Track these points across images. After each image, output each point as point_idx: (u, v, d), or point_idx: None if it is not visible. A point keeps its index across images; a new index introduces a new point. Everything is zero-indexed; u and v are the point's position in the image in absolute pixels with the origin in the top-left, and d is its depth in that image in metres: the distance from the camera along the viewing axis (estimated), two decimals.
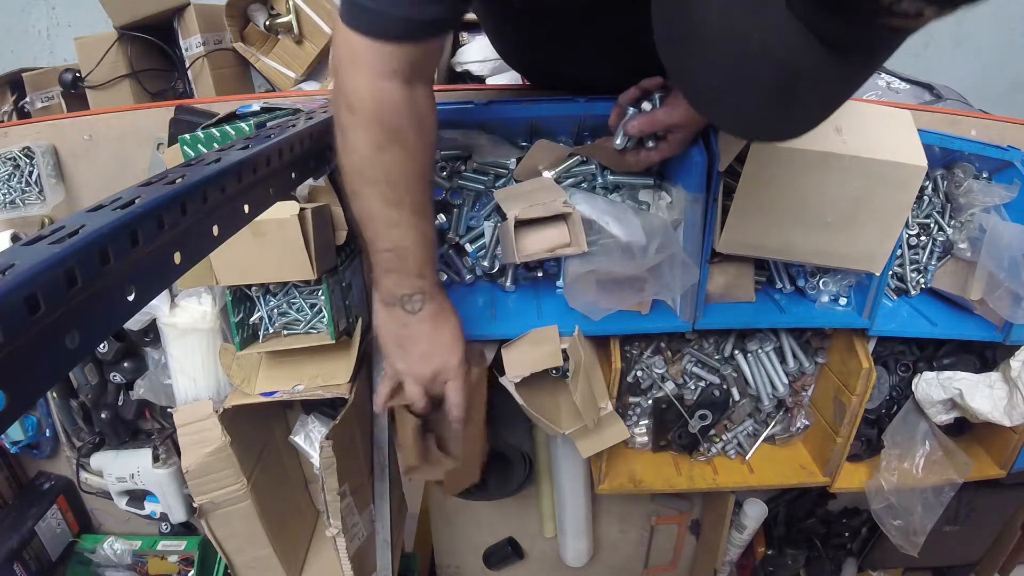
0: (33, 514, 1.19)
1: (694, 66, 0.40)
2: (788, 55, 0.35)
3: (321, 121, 0.71)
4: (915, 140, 0.80)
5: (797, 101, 0.38)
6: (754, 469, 1.08)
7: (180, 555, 1.26)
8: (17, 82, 1.87)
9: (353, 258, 1.05)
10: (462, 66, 1.79)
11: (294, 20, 1.88)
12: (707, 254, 0.84)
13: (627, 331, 0.94)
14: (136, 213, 0.37)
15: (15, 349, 0.28)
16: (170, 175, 0.43)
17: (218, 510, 1.01)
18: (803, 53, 0.35)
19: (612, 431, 0.98)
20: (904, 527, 1.06)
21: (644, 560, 1.40)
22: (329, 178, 0.97)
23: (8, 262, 0.30)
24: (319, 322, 0.97)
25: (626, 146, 0.81)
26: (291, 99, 1.03)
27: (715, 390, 1.03)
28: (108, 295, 0.35)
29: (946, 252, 0.99)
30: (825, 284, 0.93)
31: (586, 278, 0.83)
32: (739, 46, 0.35)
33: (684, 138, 0.79)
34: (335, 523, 0.99)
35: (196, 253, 0.43)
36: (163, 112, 1.02)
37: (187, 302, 0.99)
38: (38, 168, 1.03)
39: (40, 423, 1.20)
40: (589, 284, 0.83)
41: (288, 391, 0.97)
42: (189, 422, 0.99)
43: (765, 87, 0.37)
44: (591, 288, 0.83)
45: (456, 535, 1.37)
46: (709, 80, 0.39)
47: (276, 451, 1.16)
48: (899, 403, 1.06)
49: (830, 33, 0.34)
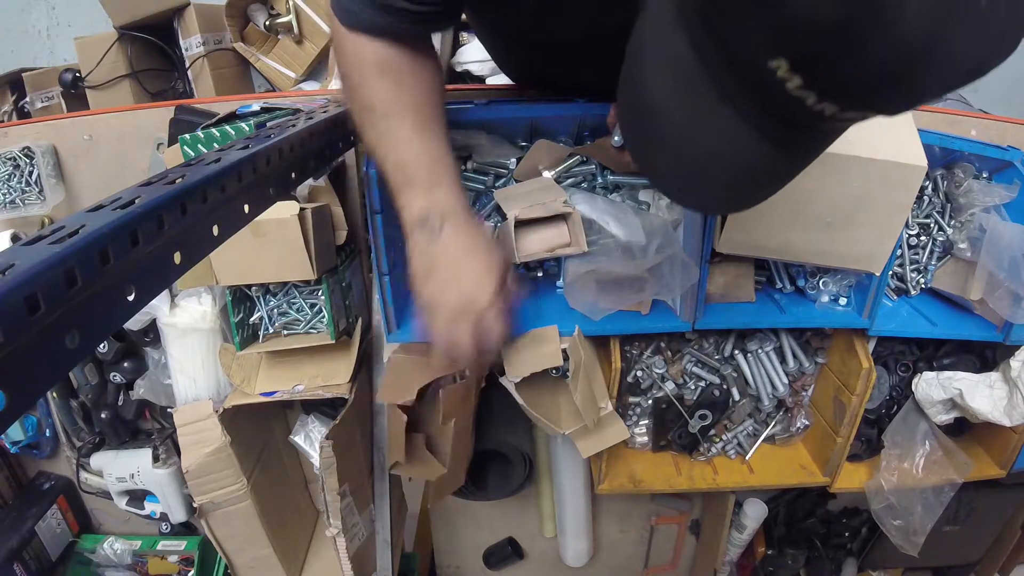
0: (33, 514, 1.19)
1: (657, 162, 0.44)
2: (739, 157, 0.39)
3: (321, 121, 0.71)
4: (915, 140, 0.79)
5: (747, 190, 0.44)
6: (754, 469, 1.08)
7: (180, 555, 1.26)
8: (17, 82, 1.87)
9: (353, 258, 1.05)
10: (462, 66, 1.80)
11: (294, 20, 1.88)
12: (707, 254, 0.84)
13: (627, 331, 0.94)
14: (136, 213, 0.37)
15: (15, 349, 0.28)
16: (170, 175, 0.43)
17: (218, 510, 1.02)
18: (752, 153, 0.39)
19: (612, 431, 0.98)
20: (904, 527, 1.06)
21: (644, 560, 1.40)
22: (329, 178, 0.97)
23: (8, 262, 0.30)
24: (319, 322, 0.97)
25: (624, 144, 0.81)
26: (291, 99, 1.03)
27: (715, 390, 1.03)
28: (108, 295, 0.35)
29: (946, 252, 0.99)
30: (825, 284, 0.93)
31: (586, 278, 0.83)
32: (695, 149, 0.40)
33: None
34: (335, 523, 0.99)
35: (196, 253, 0.43)
36: (163, 112, 1.02)
37: (187, 302, 0.99)
38: (38, 168, 1.03)
39: (40, 423, 1.20)
40: (589, 284, 0.83)
41: (288, 391, 0.97)
42: (189, 422, 0.99)
43: (719, 182, 0.42)
44: (591, 288, 0.83)
45: (456, 535, 1.37)
46: (670, 175, 0.44)
47: (276, 451, 1.16)
48: (899, 403, 1.06)
49: (778, 136, 0.38)
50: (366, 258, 1.08)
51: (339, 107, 0.80)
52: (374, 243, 0.85)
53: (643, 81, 0.40)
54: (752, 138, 0.38)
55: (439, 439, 0.94)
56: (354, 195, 1.03)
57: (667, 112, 0.39)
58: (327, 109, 0.78)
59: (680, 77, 0.37)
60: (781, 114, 0.36)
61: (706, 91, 0.37)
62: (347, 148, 0.81)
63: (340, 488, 0.96)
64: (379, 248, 0.85)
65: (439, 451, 0.95)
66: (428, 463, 0.94)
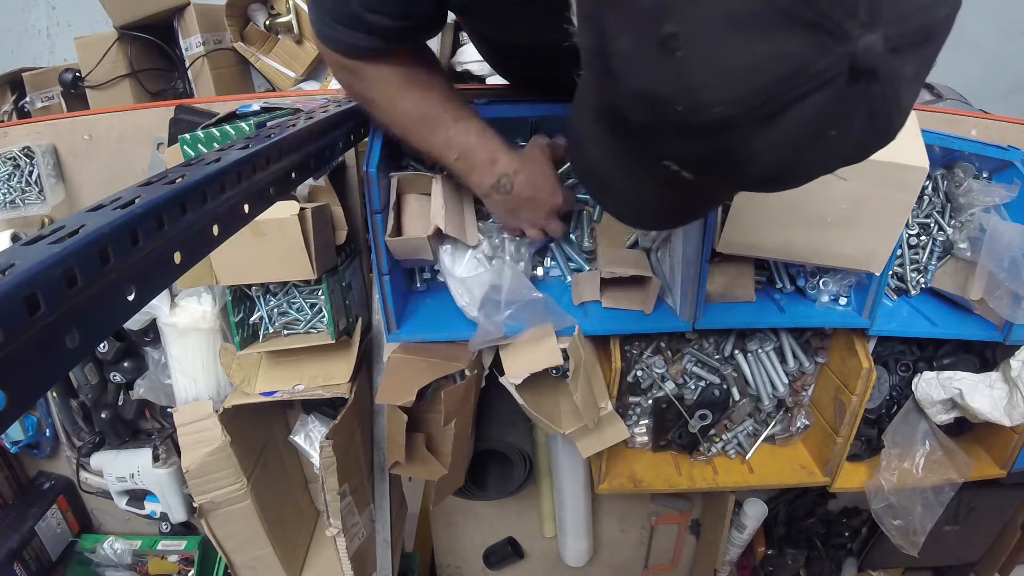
0: (33, 514, 1.19)
1: (604, 201, 0.58)
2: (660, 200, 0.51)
3: (321, 121, 0.71)
4: (917, 141, 0.79)
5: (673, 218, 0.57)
6: (754, 469, 1.08)
7: (180, 555, 1.26)
8: (17, 82, 1.87)
9: (353, 258, 1.05)
10: (462, 66, 1.80)
11: (294, 20, 1.88)
12: (707, 254, 0.84)
13: (627, 331, 0.94)
14: (136, 213, 0.37)
15: (15, 349, 0.28)
16: (170, 175, 0.43)
17: (218, 510, 1.02)
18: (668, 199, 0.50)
19: (612, 431, 0.98)
20: (904, 527, 1.06)
21: (644, 560, 1.40)
22: (329, 178, 0.97)
23: (8, 262, 0.30)
24: (319, 322, 0.97)
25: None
26: (291, 99, 1.03)
27: (715, 390, 1.03)
28: (108, 295, 0.35)
29: (946, 252, 0.99)
30: (825, 284, 0.93)
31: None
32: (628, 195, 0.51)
33: None
34: (335, 523, 0.99)
35: (196, 253, 0.43)
36: (163, 112, 1.02)
37: (187, 302, 0.99)
38: (38, 168, 1.03)
39: (40, 423, 1.20)
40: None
41: (288, 391, 0.97)
42: (189, 422, 0.99)
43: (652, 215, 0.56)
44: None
45: (456, 535, 1.37)
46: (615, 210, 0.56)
47: (276, 451, 1.16)
48: (899, 403, 1.06)
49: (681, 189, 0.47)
50: (366, 258, 1.08)
51: (339, 107, 0.80)
52: (374, 244, 0.85)
53: (583, 152, 0.51)
54: (667, 191, 0.49)
55: (439, 439, 0.94)
56: (354, 195, 1.03)
57: (605, 173, 0.50)
58: (327, 109, 0.78)
59: (607, 153, 0.48)
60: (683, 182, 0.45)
61: (627, 163, 0.47)
62: (347, 148, 0.81)
63: (340, 488, 0.96)
64: (379, 249, 0.85)
65: (439, 451, 0.95)
66: (428, 463, 0.95)
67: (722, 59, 0.34)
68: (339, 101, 0.86)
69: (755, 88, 0.34)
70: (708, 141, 0.37)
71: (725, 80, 0.35)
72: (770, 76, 0.34)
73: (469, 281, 0.89)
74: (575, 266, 0.98)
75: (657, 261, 0.95)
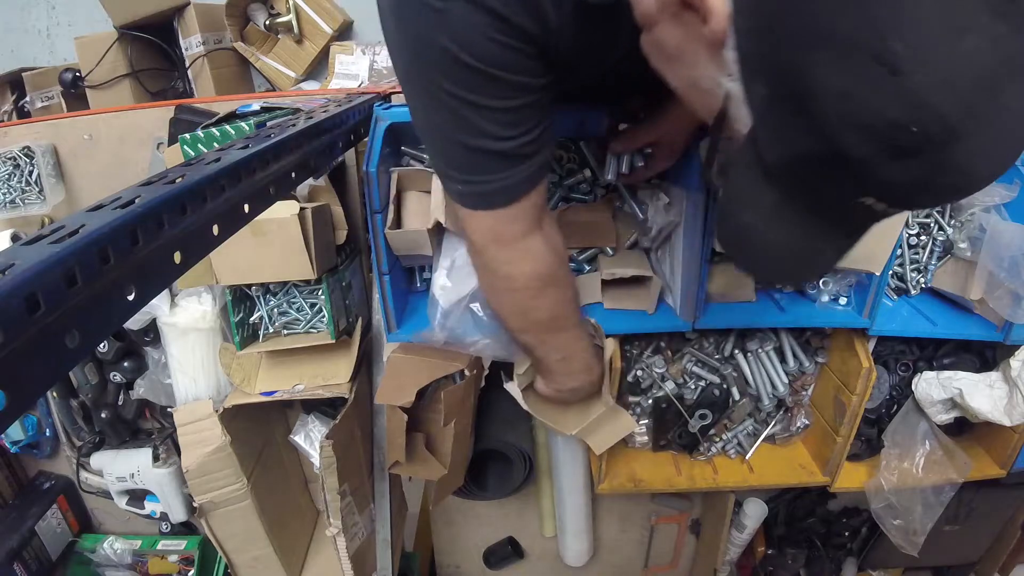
0: (33, 514, 1.19)
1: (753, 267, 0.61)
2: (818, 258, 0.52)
3: (321, 121, 0.71)
4: None
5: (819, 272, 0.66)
6: (754, 469, 1.08)
7: (180, 555, 1.26)
8: (17, 82, 1.87)
9: (353, 258, 1.05)
10: None
11: (294, 20, 1.88)
12: (707, 254, 0.84)
13: (627, 330, 0.94)
14: (136, 213, 0.37)
15: (15, 349, 0.28)
16: (170, 175, 0.43)
17: (218, 510, 1.02)
18: (828, 255, 0.51)
19: (620, 424, 0.98)
20: (904, 527, 1.06)
21: (644, 560, 1.40)
22: (329, 178, 0.97)
23: (8, 262, 0.30)
24: (319, 322, 0.97)
25: (619, 171, 0.84)
26: (291, 99, 1.03)
27: (715, 390, 1.03)
28: (108, 295, 0.35)
29: (946, 252, 0.99)
30: (825, 283, 0.93)
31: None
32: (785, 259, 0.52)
33: (670, 152, 0.81)
34: (335, 523, 0.99)
35: (196, 253, 0.43)
36: (163, 112, 1.02)
37: (187, 302, 0.99)
38: (38, 168, 1.03)
39: (40, 423, 1.20)
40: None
41: (288, 391, 0.97)
42: (189, 422, 0.99)
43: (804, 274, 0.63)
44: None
45: (456, 535, 1.37)
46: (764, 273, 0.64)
47: (276, 451, 1.16)
48: (899, 403, 1.06)
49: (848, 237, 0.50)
50: (366, 258, 1.08)
51: (339, 107, 0.80)
52: (374, 243, 0.85)
53: (737, 215, 0.51)
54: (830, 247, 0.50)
55: (439, 439, 0.94)
56: (354, 195, 1.03)
57: (759, 237, 0.50)
58: (327, 109, 0.78)
59: (773, 209, 0.48)
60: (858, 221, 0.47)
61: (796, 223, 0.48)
62: (347, 148, 0.81)
63: (340, 488, 0.96)
64: (379, 248, 0.85)
65: (439, 451, 0.95)
66: (428, 463, 0.95)
67: (942, 59, 0.35)
68: (339, 101, 0.86)
69: (974, 77, 0.35)
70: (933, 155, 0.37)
71: (945, 78, 0.35)
72: (984, 63, 0.35)
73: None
74: (575, 267, 0.98)
75: (657, 261, 0.95)
